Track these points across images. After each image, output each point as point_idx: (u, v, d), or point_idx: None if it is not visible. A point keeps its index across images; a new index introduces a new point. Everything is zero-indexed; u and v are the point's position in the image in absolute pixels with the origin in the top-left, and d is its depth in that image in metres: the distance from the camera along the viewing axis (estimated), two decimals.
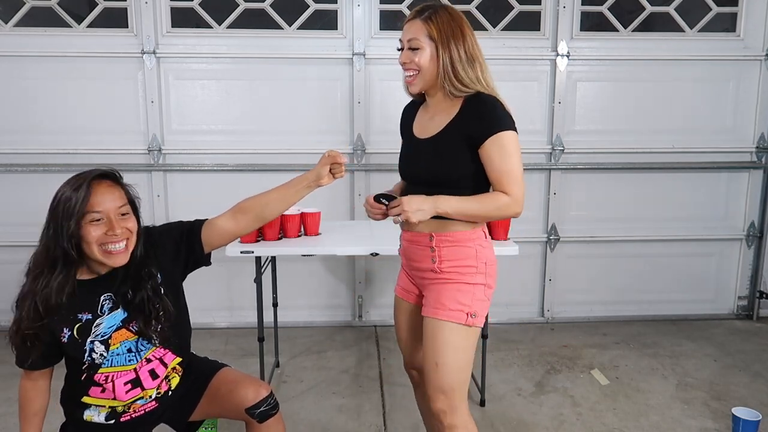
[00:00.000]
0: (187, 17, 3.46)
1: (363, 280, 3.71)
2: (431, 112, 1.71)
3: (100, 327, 1.51)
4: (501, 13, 3.51)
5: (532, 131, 3.59)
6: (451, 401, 1.63)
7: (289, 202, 1.64)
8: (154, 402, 1.64)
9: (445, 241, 1.65)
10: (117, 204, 1.47)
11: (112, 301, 1.53)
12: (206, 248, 1.65)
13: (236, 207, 1.65)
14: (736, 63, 3.61)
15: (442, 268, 1.66)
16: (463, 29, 1.61)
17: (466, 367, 1.66)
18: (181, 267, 1.65)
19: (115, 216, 1.46)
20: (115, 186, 1.49)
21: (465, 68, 1.59)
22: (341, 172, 1.63)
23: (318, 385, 2.90)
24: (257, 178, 3.46)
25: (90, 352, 1.51)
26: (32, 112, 3.40)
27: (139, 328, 1.53)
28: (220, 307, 3.67)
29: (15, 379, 2.86)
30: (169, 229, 1.65)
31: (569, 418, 2.58)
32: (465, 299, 1.63)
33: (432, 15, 1.61)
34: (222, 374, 1.71)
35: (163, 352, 1.61)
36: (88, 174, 1.47)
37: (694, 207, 3.75)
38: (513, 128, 1.59)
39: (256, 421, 1.62)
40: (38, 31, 3.36)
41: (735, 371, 3.05)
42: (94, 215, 1.43)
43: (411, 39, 1.63)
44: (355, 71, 3.48)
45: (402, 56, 1.66)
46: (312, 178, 1.62)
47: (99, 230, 1.44)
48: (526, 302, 3.81)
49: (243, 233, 1.68)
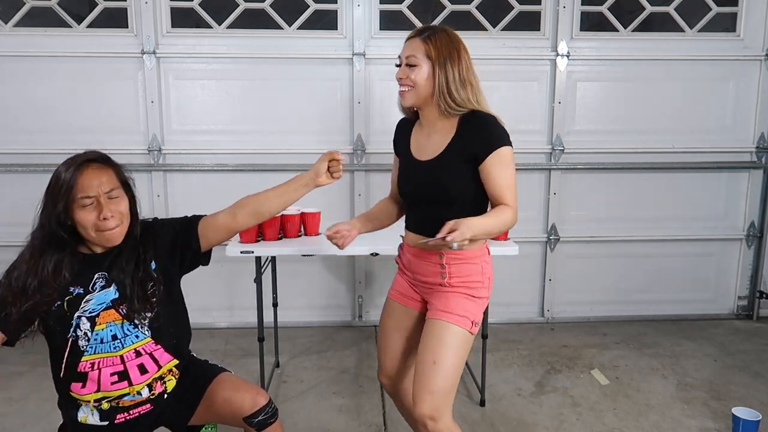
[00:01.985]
0: (187, 17, 3.46)
1: (363, 280, 3.71)
2: (427, 132, 1.75)
3: (90, 303, 1.52)
4: (501, 13, 3.51)
5: (532, 131, 3.59)
6: (437, 405, 1.61)
7: (287, 199, 1.66)
8: (149, 405, 1.61)
9: (455, 258, 1.70)
10: (105, 188, 1.48)
11: (105, 279, 1.54)
12: (203, 242, 1.65)
13: (235, 203, 1.67)
14: (736, 63, 3.61)
15: (452, 283, 1.71)
16: (460, 52, 1.66)
17: (458, 373, 1.68)
18: (177, 260, 1.65)
19: (104, 199, 1.48)
20: (103, 169, 1.51)
21: (458, 89, 1.65)
22: (339, 171, 1.67)
23: (318, 385, 2.90)
24: (257, 178, 3.46)
25: (75, 328, 1.51)
26: (32, 112, 3.40)
27: (128, 311, 1.53)
28: (220, 307, 3.67)
29: (15, 379, 2.87)
30: (170, 222, 1.68)
31: (569, 418, 2.58)
32: (472, 308, 1.70)
33: (431, 35, 1.67)
34: (220, 380, 1.67)
35: (155, 347, 1.58)
36: (78, 157, 1.50)
37: (693, 207, 3.75)
38: (510, 143, 1.66)
39: (254, 430, 1.60)
40: (38, 31, 3.37)
41: (735, 371, 3.05)
42: (84, 201, 1.46)
43: (409, 56, 1.68)
44: (355, 71, 3.48)
45: (399, 72, 1.71)
46: (310, 176, 1.66)
47: (92, 214, 1.47)
48: (526, 302, 3.81)
49: (239, 229, 1.69)
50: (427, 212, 1.73)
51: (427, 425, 1.61)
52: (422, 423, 1.62)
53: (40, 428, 2.46)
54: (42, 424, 2.48)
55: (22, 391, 2.75)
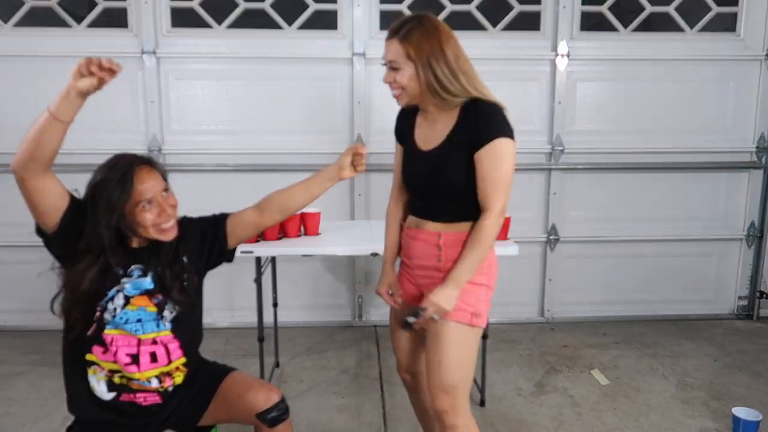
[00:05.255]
0: (187, 17, 3.46)
1: (363, 280, 3.71)
2: (431, 121, 1.70)
3: (127, 286, 1.56)
4: (501, 13, 3.51)
5: (532, 131, 3.59)
6: (454, 400, 1.63)
7: (313, 193, 1.69)
8: (158, 397, 1.62)
9: (453, 241, 1.65)
10: (160, 187, 1.54)
11: (141, 270, 1.59)
12: (230, 239, 1.69)
13: (261, 200, 1.70)
14: (736, 63, 3.61)
15: (448, 267, 1.65)
16: (442, 44, 1.56)
17: (469, 367, 1.67)
18: (205, 257, 1.68)
19: (161, 198, 1.53)
20: (153, 169, 1.55)
21: (451, 81, 1.58)
22: (362, 164, 1.68)
23: (318, 385, 2.90)
24: (257, 178, 3.46)
25: (110, 299, 1.54)
26: (32, 112, 3.38)
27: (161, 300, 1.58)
28: (220, 307, 3.66)
29: (15, 379, 2.87)
30: (198, 220, 1.70)
31: (569, 418, 2.58)
32: (469, 299, 1.64)
33: (407, 34, 1.57)
34: (231, 378, 1.70)
35: (172, 341, 1.61)
36: (128, 164, 1.52)
37: (693, 207, 3.75)
38: (510, 136, 1.57)
39: (266, 426, 1.62)
40: (38, 31, 3.37)
41: (735, 371, 3.05)
42: (144, 204, 1.50)
43: (390, 60, 1.62)
44: (355, 71, 3.48)
45: (385, 76, 1.67)
46: (335, 169, 1.67)
47: (152, 214, 1.52)
48: (526, 302, 3.81)
49: (267, 225, 1.73)
50: (430, 201, 1.71)
51: (444, 420, 1.64)
52: (440, 418, 1.65)
53: (40, 428, 2.45)
54: (42, 424, 2.47)
55: (22, 391, 2.75)
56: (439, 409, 1.64)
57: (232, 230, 1.68)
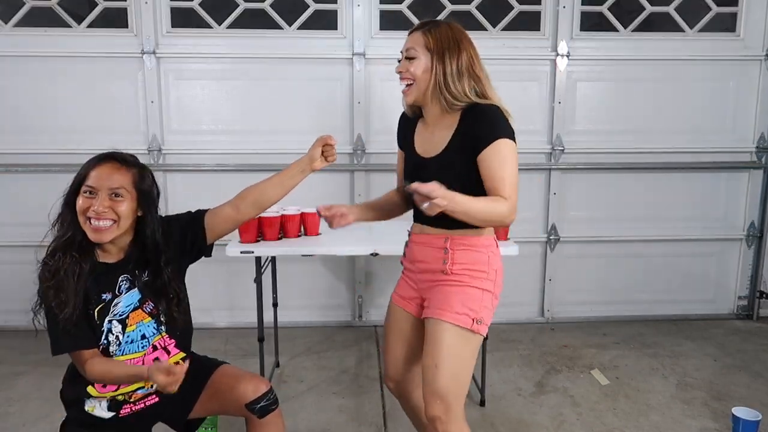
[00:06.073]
0: (187, 17, 3.46)
1: (363, 280, 3.71)
2: (431, 128, 1.71)
3: (119, 306, 1.56)
4: (501, 13, 3.52)
5: (532, 131, 3.59)
6: (448, 407, 1.58)
7: (285, 187, 1.72)
8: (156, 396, 1.64)
9: (460, 244, 1.65)
10: (112, 184, 1.51)
11: (128, 281, 1.58)
12: (209, 235, 1.69)
13: (237, 195, 1.73)
14: (736, 63, 3.61)
15: (453, 270, 1.65)
16: (461, 44, 1.62)
17: (466, 374, 1.64)
18: (186, 254, 1.69)
19: (106, 194, 1.50)
20: (121, 168, 1.53)
21: (455, 81, 1.60)
22: (333, 155, 1.70)
23: (318, 385, 2.90)
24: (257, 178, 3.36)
25: (107, 334, 1.54)
26: (32, 112, 3.40)
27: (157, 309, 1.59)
28: (220, 307, 3.67)
29: (15, 379, 2.87)
30: (176, 218, 1.70)
31: (569, 418, 2.58)
32: (473, 304, 1.62)
33: (432, 28, 1.64)
34: (222, 370, 1.72)
35: (168, 341, 1.63)
36: (103, 155, 1.55)
37: (693, 207, 3.75)
38: (511, 137, 1.58)
39: (256, 417, 1.63)
40: (38, 31, 3.37)
41: (735, 371, 3.05)
42: (86, 188, 1.50)
43: (409, 48, 1.65)
44: (355, 71, 3.48)
45: (399, 65, 1.68)
46: (305, 161, 1.70)
47: (87, 202, 1.50)
48: (526, 302, 3.81)
49: (243, 220, 1.75)
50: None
51: (437, 427, 1.60)
52: (433, 425, 1.61)
53: (40, 428, 2.46)
54: (42, 424, 2.48)
55: (23, 391, 2.75)
56: (432, 415, 1.59)
57: (210, 226, 1.68)
